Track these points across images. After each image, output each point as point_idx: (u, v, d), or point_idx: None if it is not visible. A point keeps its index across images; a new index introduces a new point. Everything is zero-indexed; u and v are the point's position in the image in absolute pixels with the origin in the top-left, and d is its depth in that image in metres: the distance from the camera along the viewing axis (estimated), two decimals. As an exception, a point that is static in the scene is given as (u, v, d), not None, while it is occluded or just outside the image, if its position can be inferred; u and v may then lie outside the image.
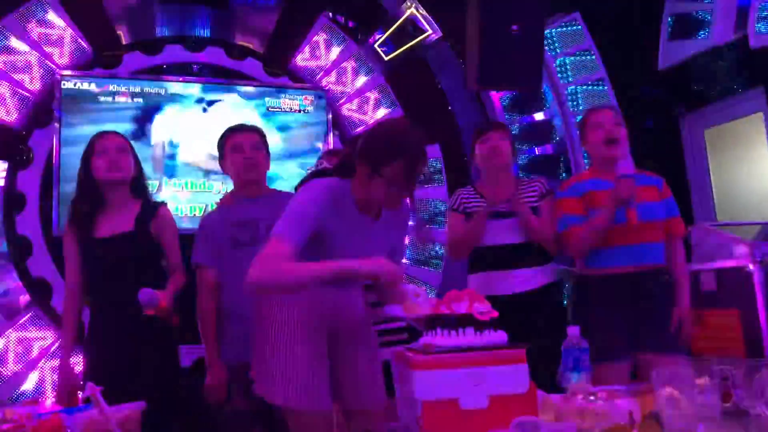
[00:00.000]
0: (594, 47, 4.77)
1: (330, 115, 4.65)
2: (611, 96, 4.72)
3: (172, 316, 2.28)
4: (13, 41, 4.08)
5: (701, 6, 4.63)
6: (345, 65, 4.77)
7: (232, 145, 2.58)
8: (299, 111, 4.60)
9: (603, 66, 4.77)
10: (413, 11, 4.78)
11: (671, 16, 4.73)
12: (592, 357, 1.80)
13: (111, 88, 4.23)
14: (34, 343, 3.83)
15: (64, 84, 4.12)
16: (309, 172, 2.59)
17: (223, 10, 4.73)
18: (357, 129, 4.69)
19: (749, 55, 4.35)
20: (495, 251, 2.72)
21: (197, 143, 4.32)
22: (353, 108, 4.78)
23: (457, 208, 2.81)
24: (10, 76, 4.05)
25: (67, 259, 2.46)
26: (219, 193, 4.12)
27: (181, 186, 4.28)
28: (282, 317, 1.82)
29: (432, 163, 4.62)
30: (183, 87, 4.39)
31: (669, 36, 4.72)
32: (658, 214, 2.55)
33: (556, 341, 1.85)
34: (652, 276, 2.51)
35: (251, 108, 4.49)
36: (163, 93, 4.34)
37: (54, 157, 4.03)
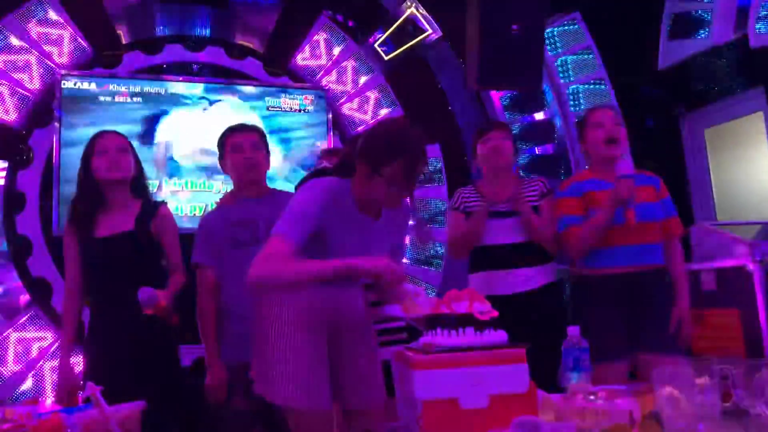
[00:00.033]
0: (594, 47, 4.77)
1: (330, 115, 4.65)
2: (612, 96, 4.72)
3: (171, 315, 2.27)
4: (13, 40, 4.08)
5: (701, 6, 4.62)
6: (345, 65, 4.77)
7: (232, 145, 2.58)
8: (299, 111, 4.60)
9: (603, 66, 4.77)
10: (413, 11, 4.78)
11: (671, 15, 4.72)
12: (591, 357, 1.80)
13: (111, 87, 4.23)
14: (33, 343, 3.83)
15: (64, 84, 4.12)
16: (309, 171, 2.58)
17: (223, 9, 4.72)
18: (357, 128, 4.69)
19: (749, 55, 4.35)
20: (495, 251, 2.72)
21: (197, 143, 4.32)
22: (354, 107, 4.78)
23: (458, 207, 2.81)
24: (10, 75, 4.05)
25: (67, 259, 2.46)
26: (219, 193, 4.12)
27: (182, 186, 4.28)
28: (282, 317, 1.82)
29: (432, 163, 4.62)
30: (183, 87, 4.39)
31: (669, 36, 4.72)
32: (656, 214, 2.56)
33: (556, 341, 1.85)
34: (651, 276, 2.51)
35: (251, 107, 4.49)
36: (163, 93, 4.33)
37: (54, 157, 4.03)
